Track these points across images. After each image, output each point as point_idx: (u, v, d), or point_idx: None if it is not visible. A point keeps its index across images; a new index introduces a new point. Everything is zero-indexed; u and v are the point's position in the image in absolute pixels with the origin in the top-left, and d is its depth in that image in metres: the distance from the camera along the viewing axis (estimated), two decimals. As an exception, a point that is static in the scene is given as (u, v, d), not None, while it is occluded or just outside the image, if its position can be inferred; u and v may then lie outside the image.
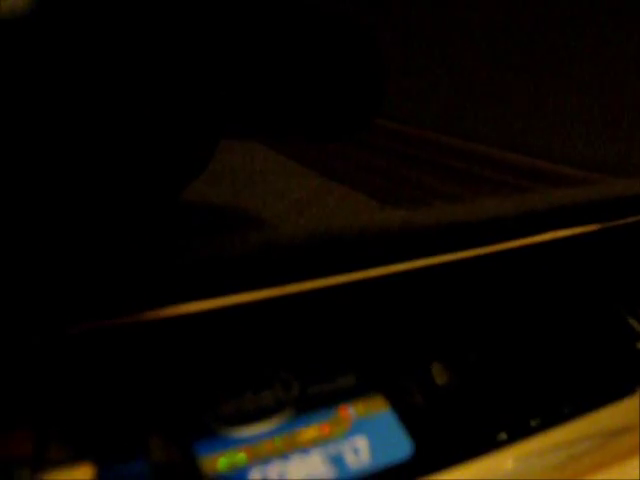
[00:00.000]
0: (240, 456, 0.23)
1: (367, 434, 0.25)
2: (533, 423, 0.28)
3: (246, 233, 0.25)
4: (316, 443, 0.24)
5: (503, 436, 0.27)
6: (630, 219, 0.33)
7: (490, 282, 0.31)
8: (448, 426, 0.27)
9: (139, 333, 0.24)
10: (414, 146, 0.51)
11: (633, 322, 0.32)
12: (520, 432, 0.27)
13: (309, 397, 0.25)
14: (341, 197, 0.44)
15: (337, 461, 0.24)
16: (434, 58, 0.54)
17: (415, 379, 0.28)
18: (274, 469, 0.23)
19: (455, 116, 0.51)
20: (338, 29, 0.36)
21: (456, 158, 0.48)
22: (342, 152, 0.51)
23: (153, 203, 0.36)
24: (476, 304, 0.31)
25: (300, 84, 0.36)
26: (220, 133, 0.37)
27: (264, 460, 0.23)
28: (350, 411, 0.25)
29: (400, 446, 0.25)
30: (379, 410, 0.26)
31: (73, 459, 0.22)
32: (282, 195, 0.45)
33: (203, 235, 0.25)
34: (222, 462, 0.23)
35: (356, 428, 0.25)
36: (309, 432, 0.25)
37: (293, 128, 0.37)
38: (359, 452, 0.24)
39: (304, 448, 0.24)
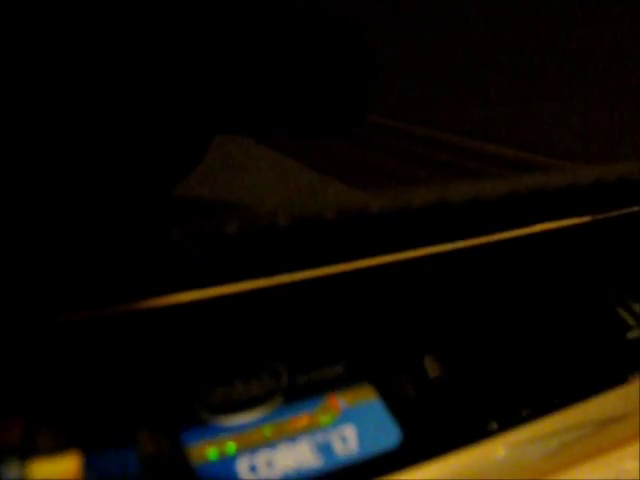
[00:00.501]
0: (229, 445, 0.23)
1: (355, 423, 0.25)
2: (524, 413, 0.28)
3: (235, 222, 0.25)
4: (305, 432, 0.24)
5: (494, 425, 0.27)
6: (622, 211, 0.33)
7: (481, 273, 0.31)
8: (438, 415, 0.27)
9: (128, 322, 0.24)
10: (405, 141, 0.51)
11: (623, 312, 0.32)
12: (511, 421, 0.27)
13: (298, 386, 0.26)
14: (333, 191, 0.44)
15: (325, 450, 0.24)
16: (424, 54, 0.54)
17: (407, 371, 0.28)
18: (263, 457, 0.23)
19: (447, 111, 0.51)
20: (329, 26, 0.37)
21: (449, 152, 0.48)
22: (335, 147, 0.51)
23: (147, 196, 0.36)
24: (467, 295, 0.31)
25: (292, 81, 0.36)
26: (213, 130, 0.37)
27: (253, 449, 0.23)
28: (339, 400, 0.25)
29: (388, 435, 0.25)
30: (368, 399, 0.26)
31: (61, 447, 0.22)
32: (274, 190, 0.45)
33: (192, 226, 0.25)
34: (211, 451, 0.23)
35: (345, 417, 0.25)
36: (298, 421, 0.25)
37: (285, 124, 0.37)
38: (347, 441, 0.24)
39: (293, 437, 0.24)
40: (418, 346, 0.29)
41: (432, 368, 0.29)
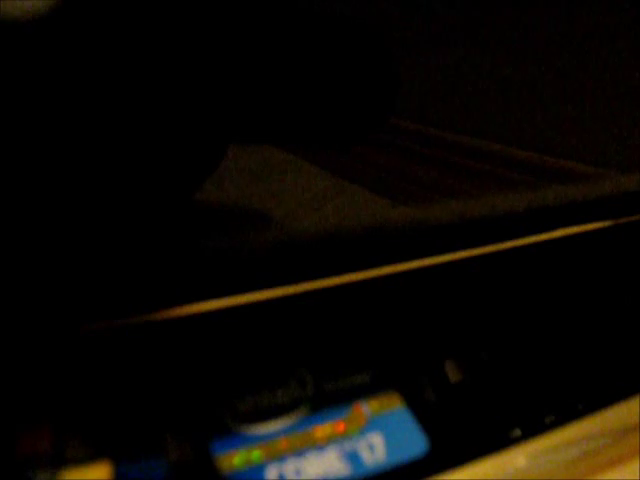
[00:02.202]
0: (256, 453, 0.24)
1: (382, 431, 0.25)
2: (547, 420, 0.28)
3: (261, 232, 0.25)
4: (331, 440, 0.24)
5: (517, 432, 0.27)
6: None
7: (503, 279, 0.31)
8: (462, 422, 0.27)
9: (156, 331, 0.24)
10: (424, 144, 0.51)
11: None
12: (534, 429, 0.27)
13: (324, 394, 0.26)
14: (352, 196, 0.44)
15: (353, 458, 0.24)
16: (444, 57, 0.54)
17: (428, 376, 0.28)
18: (290, 466, 0.23)
19: (465, 114, 0.51)
20: (347, 33, 0.36)
21: (467, 156, 0.48)
22: (353, 151, 0.51)
23: (165, 203, 0.37)
24: (489, 301, 0.31)
25: (311, 89, 0.36)
26: (229, 136, 0.37)
27: (280, 457, 0.24)
28: (365, 408, 0.25)
29: (415, 443, 0.25)
30: (394, 407, 0.26)
31: (91, 457, 0.22)
32: (293, 194, 0.45)
33: (216, 234, 0.26)
34: (238, 459, 0.23)
35: (371, 425, 0.25)
36: (324, 429, 0.25)
37: (306, 134, 0.37)
38: (374, 449, 0.24)
39: (320, 445, 0.24)
40: (440, 352, 0.29)
41: (453, 373, 0.29)
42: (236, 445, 0.24)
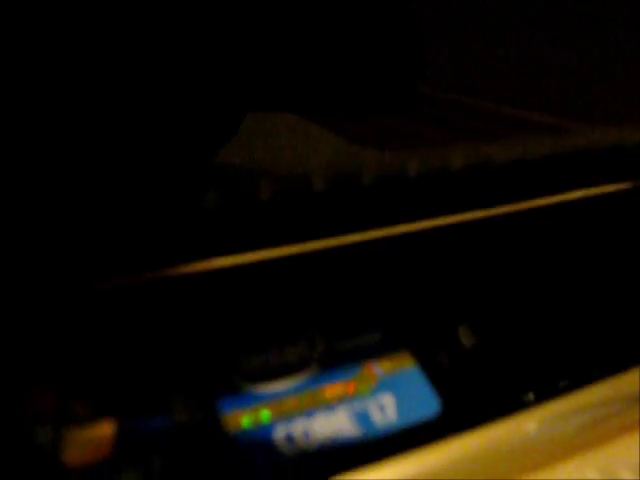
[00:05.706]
0: (264, 413, 0.23)
1: (393, 391, 0.24)
2: (561, 384, 0.27)
3: (265, 187, 0.24)
4: (342, 400, 0.24)
5: (530, 397, 0.26)
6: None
7: (518, 242, 0.31)
8: (475, 385, 0.26)
9: (165, 288, 0.24)
10: (444, 110, 0.50)
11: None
12: (548, 393, 0.27)
13: (335, 354, 0.25)
14: (371, 159, 0.43)
15: (363, 418, 0.23)
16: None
17: (441, 339, 0.27)
18: (299, 426, 0.23)
19: (485, 80, 0.50)
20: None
21: (485, 121, 0.47)
22: (374, 118, 0.50)
23: (181, 164, 0.36)
24: (502, 265, 0.31)
25: (336, 56, 0.35)
26: (248, 103, 0.36)
27: (288, 417, 0.23)
28: (376, 368, 0.25)
29: (427, 404, 0.24)
30: (406, 367, 0.25)
31: (95, 415, 0.22)
32: (310, 159, 0.44)
33: (228, 192, 0.25)
34: (246, 419, 0.23)
35: (382, 385, 0.24)
36: (335, 389, 0.24)
37: (332, 101, 0.36)
38: (385, 409, 0.24)
39: (329, 405, 0.24)
40: (453, 316, 0.28)
41: (467, 337, 0.28)
42: (244, 404, 0.23)
